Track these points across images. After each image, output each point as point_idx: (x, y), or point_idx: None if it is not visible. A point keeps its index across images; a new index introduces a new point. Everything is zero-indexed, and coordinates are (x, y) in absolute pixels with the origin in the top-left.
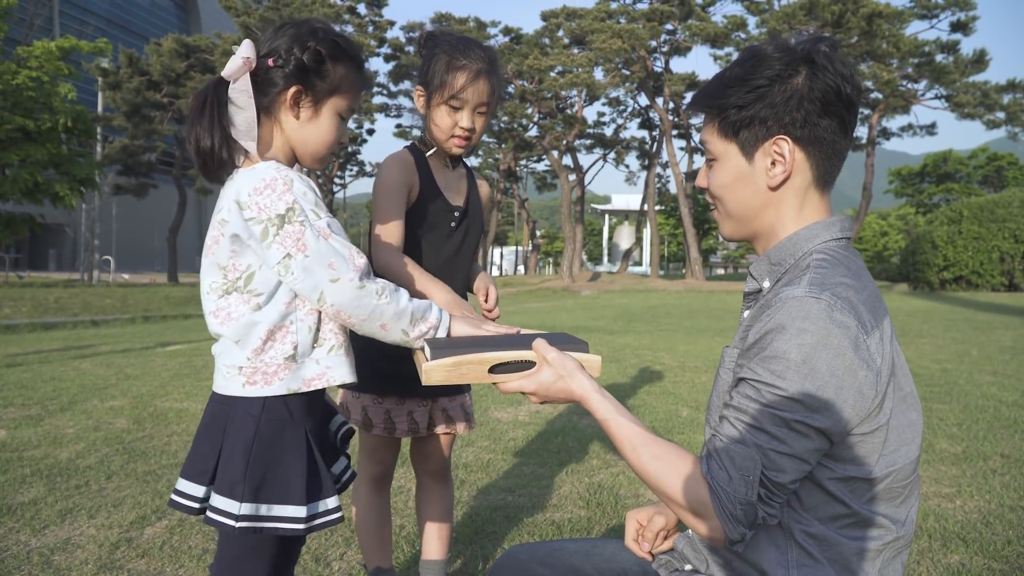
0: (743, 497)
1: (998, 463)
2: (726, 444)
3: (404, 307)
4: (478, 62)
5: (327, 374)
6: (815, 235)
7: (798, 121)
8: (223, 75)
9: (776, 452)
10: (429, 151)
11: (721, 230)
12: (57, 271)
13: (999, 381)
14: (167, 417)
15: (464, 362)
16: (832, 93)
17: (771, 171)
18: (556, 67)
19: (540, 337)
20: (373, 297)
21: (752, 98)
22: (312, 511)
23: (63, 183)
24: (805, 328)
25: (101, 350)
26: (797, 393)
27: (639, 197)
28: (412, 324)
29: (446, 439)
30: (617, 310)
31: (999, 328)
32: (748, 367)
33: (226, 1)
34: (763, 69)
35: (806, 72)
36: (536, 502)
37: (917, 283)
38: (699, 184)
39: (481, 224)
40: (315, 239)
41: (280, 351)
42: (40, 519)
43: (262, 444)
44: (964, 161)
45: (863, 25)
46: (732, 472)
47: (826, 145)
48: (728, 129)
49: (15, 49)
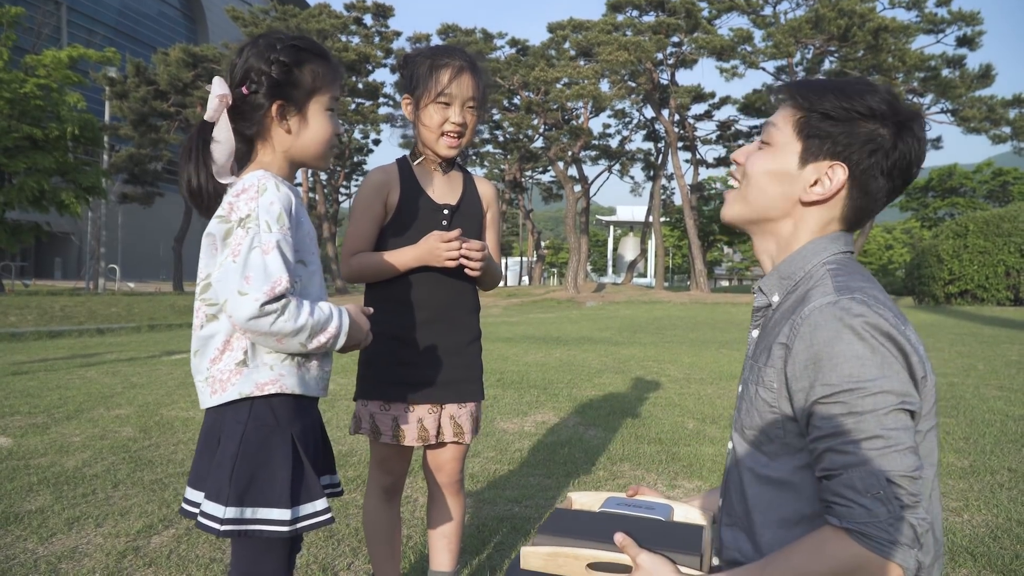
0: (888, 517)
1: (1005, 477)
2: (840, 477)
3: (303, 324)
4: (460, 60)
5: (280, 381)
6: (822, 248)
7: (864, 164)
8: (205, 118)
9: (892, 451)
10: (416, 160)
11: (726, 210)
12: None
13: (1005, 395)
14: (173, 426)
15: (561, 553)
16: (905, 162)
17: (811, 187)
18: (562, 79)
19: (633, 543)
20: (270, 320)
21: (844, 116)
22: (296, 514)
23: (69, 191)
24: (853, 325)
25: (107, 358)
26: (884, 384)
27: (644, 208)
28: (310, 338)
29: (458, 449)
30: (622, 321)
31: (1005, 342)
32: (821, 383)
33: (233, 12)
34: (869, 100)
35: (899, 131)
36: (542, 513)
37: (922, 297)
38: (735, 158)
39: (480, 221)
40: (249, 249)
41: (232, 357)
42: (47, 527)
43: (248, 448)
44: (969, 175)
45: (869, 39)
46: (862, 500)
47: (870, 199)
48: (805, 128)
49: (23, 58)
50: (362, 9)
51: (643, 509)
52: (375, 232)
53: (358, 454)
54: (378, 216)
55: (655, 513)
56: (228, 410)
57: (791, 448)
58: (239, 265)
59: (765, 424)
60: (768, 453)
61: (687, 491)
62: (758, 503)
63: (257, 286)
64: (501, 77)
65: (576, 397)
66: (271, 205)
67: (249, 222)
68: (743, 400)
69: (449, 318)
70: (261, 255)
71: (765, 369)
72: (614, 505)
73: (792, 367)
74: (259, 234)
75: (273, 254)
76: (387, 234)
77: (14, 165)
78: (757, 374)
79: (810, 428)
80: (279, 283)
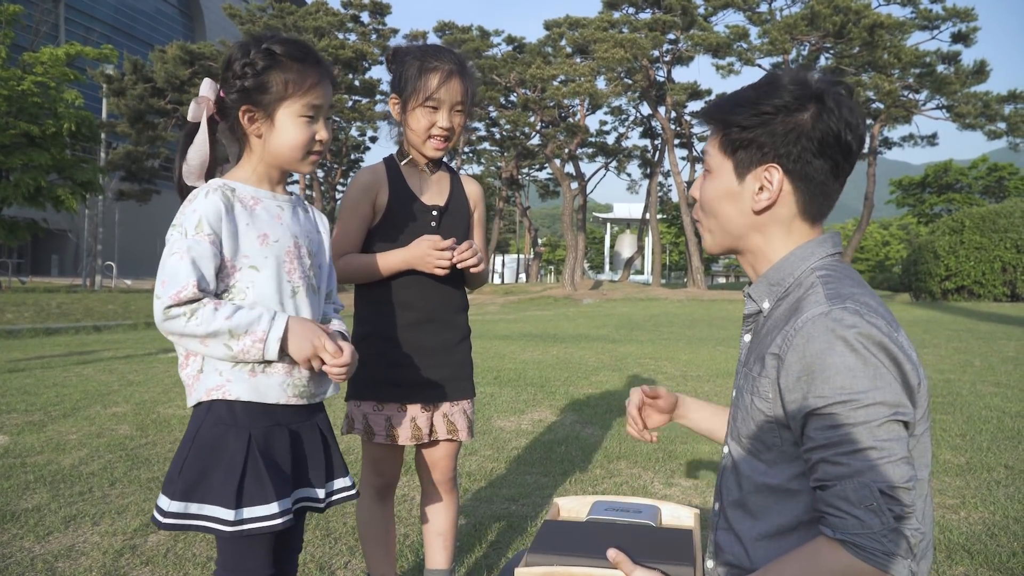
0: (881, 528)
1: (1002, 474)
2: (834, 489)
3: (218, 327)
4: (449, 63)
5: (226, 387)
6: (810, 253)
7: (792, 155)
8: (188, 118)
9: (886, 462)
10: (404, 160)
11: (704, 242)
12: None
13: (1002, 392)
14: (170, 424)
15: (555, 574)
16: (832, 136)
17: (757, 196)
18: (559, 76)
19: (627, 560)
20: (180, 322)
21: (756, 122)
22: (240, 515)
23: (66, 187)
24: (846, 336)
25: (103, 356)
26: (877, 395)
27: (641, 206)
28: (234, 339)
29: (451, 447)
30: (619, 319)
31: (1001, 338)
32: (813, 395)
33: (231, 9)
34: (774, 97)
35: (814, 110)
36: (539, 511)
37: (919, 293)
38: (692, 194)
39: (468, 221)
40: (168, 255)
41: (195, 364)
42: (44, 526)
43: (201, 445)
44: (965, 171)
45: (865, 36)
46: (856, 512)
47: (815, 184)
48: (728, 146)
49: (21, 55)
50: (359, 6)
51: (630, 513)
52: (363, 233)
53: (353, 452)
54: (366, 217)
55: (643, 517)
56: (195, 410)
57: (788, 456)
58: (160, 269)
59: (762, 433)
60: (766, 461)
61: (684, 489)
62: (756, 510)
63: (164, 290)
64: (498, 74)
65: (573, 395)
66: (192, 213)
67: (174, 228)
68: (738, 408)
69: (439, 318)
70: (175, 260)
71: (759, 379)
72: (602, 510)
73: (785, 379)
74: (176, 240)
75: (184, 259)
76: (375, 235)
77: (10, 162)
78: (752, 383)
79: (804, 439)
80: (185, 288)
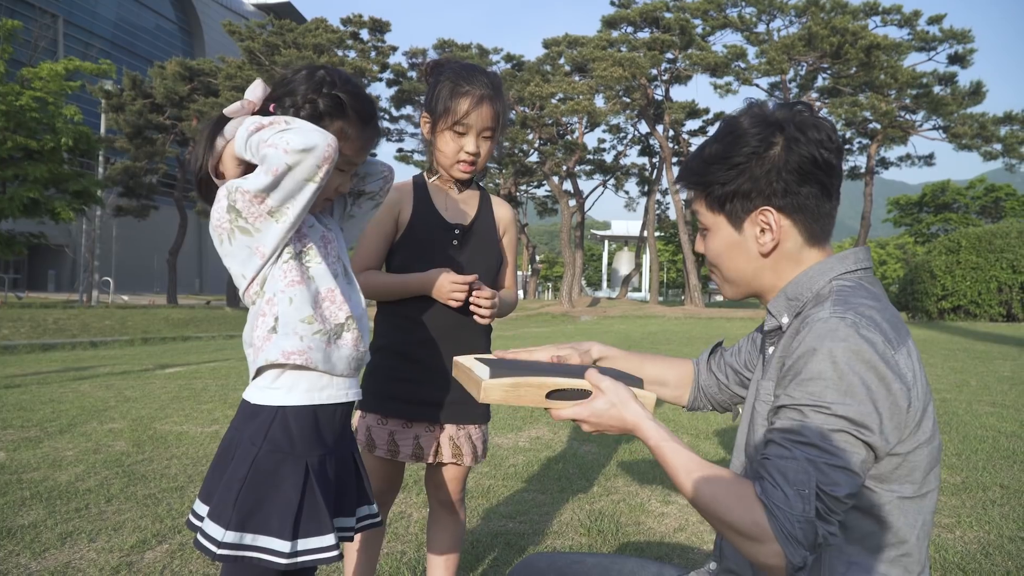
0: (801, 514)
1: (997, 494)
2: (776, 463)
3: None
4: (481, 88)
5: (308, 354)
6: (830, 268)
7: (779, 192)
8: (224, 112)
9: (828, 465)
10: (432, 177)
11: (723, 294)
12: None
13: (998, 412)
14: (167, 440)
15: (523, 384)
16: (808, 162)
17: (761, 239)
18: (557, 94)
19: (594, 369)
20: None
21: (733, 175)
22: (295, 547)
23: (63, 200)
24: (835, 346)
25: (100, 372)
26: (840, 409)
27: (639, 223)
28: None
29: (457, 470)
30: (616, 336)
31: (997, 358)
32: (786, 393)
33: (230, 26)
34: (741, 146)
35: (782, 142)
36: (537, 528)
37: (915, 312)
38: (697, 250)
39: (495, 244)
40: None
41: (265, 324)
42: (40, 542)
43: (258, 474)
44: (962, 191)
45: (861, 56)
46: (786, 489)
47: (810, 210)
48: (714, 203)
49: (19, 70)
50: (359, 24)
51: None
52: (385, 249)
53: None
54: (388, 233)
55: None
56: (247, 427)
57: None
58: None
59: None
60: None
61: (681, 507)
62: None
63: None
64: None
65: None
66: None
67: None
68: (752, 422)
69: (456, 338)
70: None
71: (763, 382)
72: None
73: (779, 376)
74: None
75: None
76: (396, 251)
77: (7, 175)
78: (755, 388)
79: (768, 423)
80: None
